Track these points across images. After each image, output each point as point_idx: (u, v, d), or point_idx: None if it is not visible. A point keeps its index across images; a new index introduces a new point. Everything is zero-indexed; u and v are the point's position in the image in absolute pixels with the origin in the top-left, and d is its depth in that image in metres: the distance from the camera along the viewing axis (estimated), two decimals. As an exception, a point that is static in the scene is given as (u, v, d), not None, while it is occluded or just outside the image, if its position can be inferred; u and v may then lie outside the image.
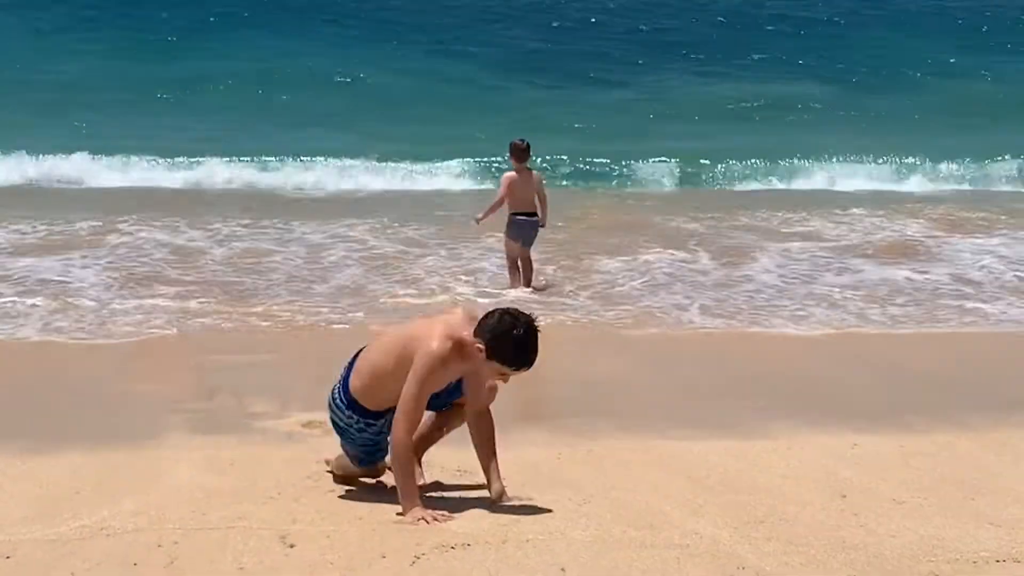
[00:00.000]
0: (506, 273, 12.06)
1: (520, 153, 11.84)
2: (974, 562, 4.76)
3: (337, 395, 5.49)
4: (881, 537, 5.01)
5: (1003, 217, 17.05)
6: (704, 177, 20.24)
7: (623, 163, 20.42)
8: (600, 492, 5.56)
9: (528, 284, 11.85)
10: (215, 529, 4.93)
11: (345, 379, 5.47)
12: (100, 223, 14.41)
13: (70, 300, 10.72)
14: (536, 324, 5.20)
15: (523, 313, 5.24)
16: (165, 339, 9.58)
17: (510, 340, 5.10)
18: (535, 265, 12.14)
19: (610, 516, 5.17)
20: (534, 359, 5.19)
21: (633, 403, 7.80)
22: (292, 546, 4.73)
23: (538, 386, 8.59)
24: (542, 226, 12.01)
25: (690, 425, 7.11)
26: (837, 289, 12.15)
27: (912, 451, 6.55)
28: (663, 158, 20.26)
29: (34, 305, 10.50)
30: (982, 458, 6.49)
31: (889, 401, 7.99)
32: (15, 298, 10.76)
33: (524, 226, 11.85)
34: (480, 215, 12.11)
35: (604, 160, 20.47)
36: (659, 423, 7.15)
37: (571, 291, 11.83)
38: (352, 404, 5.41)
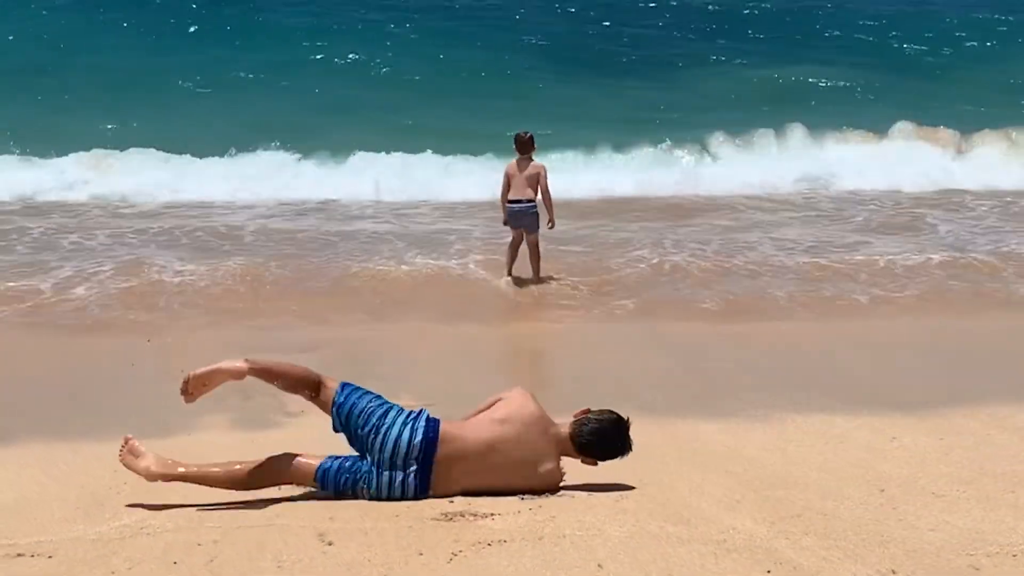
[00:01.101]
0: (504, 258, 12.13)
1: (521, 144, 11.96)
2: (1014, 555, 4.72)
3: (411, 490, 5.39)
4: (920, 531, 4.97)
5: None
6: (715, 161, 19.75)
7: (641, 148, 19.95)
8: (636, 488, 5.56)
9: (536, 274, 11.91)
10: (254, 527, 4.97)
11: (424, 484, 5.38)
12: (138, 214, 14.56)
13: (108, 288, 10.89)
14: (625, 420, 5.59)
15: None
16: (204, 334, 9.68)
17: (596, 425, 5.55)
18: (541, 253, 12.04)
19: (647, 512, 5.17)
20: (613, 446, 5.55)
21: (666, 397, 7.78)
22: (330, 544, 4.76)
23: (569, 382, 8.60)
24: (551, 226, 11.99)
25: (724, 418, 7.10)
26: (863, 274, 12.03)
27: (951, 444, 6.50)
28: (671, 142, 19.91)
29: (73, 297, 10.70)
30: (1021, 450, 6.43)
31: (926, 393, 7.93)
32: (55, 291, 10.93)
33: (515, 212, 11.91)
34: (504, 216, 12.13)
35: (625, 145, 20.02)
36: (692, 416, 7.14)
37: (585, 282, 11.79)
38: (426, 494, 5.43)
